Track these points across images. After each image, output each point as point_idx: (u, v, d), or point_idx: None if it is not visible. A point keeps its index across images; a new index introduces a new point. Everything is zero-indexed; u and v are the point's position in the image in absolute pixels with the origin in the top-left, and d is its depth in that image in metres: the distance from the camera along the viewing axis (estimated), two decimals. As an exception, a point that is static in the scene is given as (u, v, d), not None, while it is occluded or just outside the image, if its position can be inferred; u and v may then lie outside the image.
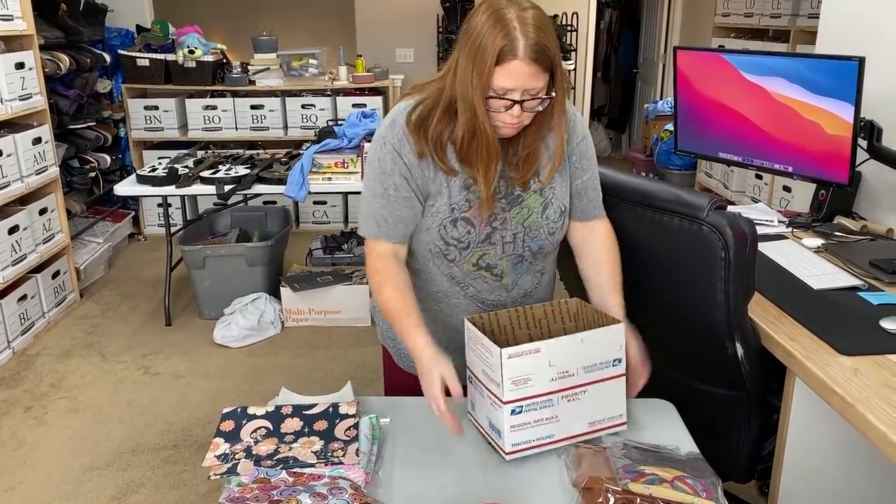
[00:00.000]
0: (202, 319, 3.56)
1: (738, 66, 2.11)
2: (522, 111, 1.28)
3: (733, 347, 1.48)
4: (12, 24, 3.24)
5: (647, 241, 1.52)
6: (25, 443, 2.59)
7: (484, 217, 1.37)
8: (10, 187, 3.18)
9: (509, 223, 1.40)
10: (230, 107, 4.66)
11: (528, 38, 1.21)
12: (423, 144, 1.34)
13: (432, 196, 1.38)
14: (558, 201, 1.44)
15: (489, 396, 1.26)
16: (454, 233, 1.38)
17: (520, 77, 1.23)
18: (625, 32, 7.06)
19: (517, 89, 1.25)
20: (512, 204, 1.40)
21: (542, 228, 1.42)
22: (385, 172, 1.36)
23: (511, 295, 1.47)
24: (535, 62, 1.22)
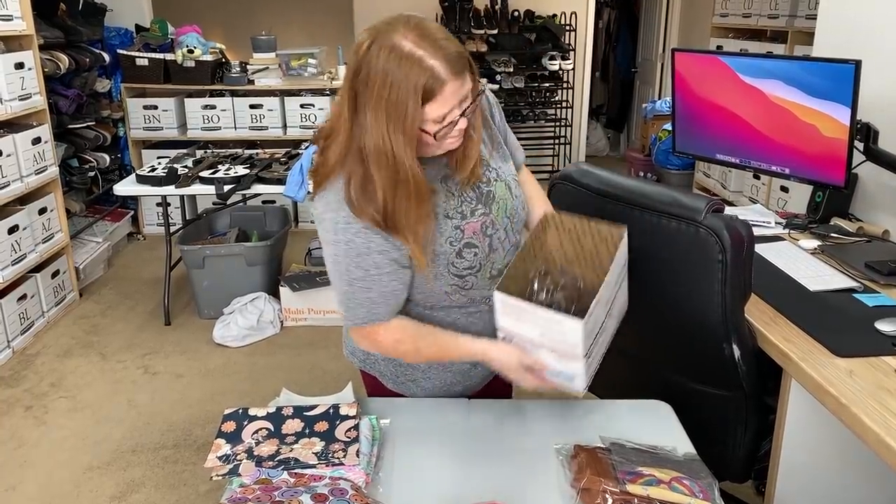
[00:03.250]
0: (201, 319, 3.57)
1: (735, 68, 2.12)
2: (465, 118, 1.21)
3: (730, 349, 1.49)
4: (12, 24, 3.25)
5: (644, 244, 1.52)
6: (26, 442, 2.60)
7: (478, 232, 1.32)
8: (9, 187, 3.19)
9: (497, 222, 1.36)
10: (229, 106, 4.66)
11: (447, 54, 1.13)
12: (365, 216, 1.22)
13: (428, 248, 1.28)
14: (511, 176, 1.42)
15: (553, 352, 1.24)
16: (464, 263, 1.32)
17: (454, 95, 1.16)
18: (623, 32, 7.07)
19: (456, 108, 1.18)
20: (487, 203, 1.35)
21: (518, 209, 1.40)
22: (360, 255, 1.25)
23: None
24: (461, 72, 1.15)
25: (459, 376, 1.48)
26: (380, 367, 1.51)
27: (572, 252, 1.43)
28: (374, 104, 1.14)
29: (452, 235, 1.31)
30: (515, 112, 6.03)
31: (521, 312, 1.23)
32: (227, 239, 3.79)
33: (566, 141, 6.26)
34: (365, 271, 1.26)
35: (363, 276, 1.26)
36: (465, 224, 1.32)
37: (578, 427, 1.37)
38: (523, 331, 1.26)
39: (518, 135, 6.58)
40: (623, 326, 1.81)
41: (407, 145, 1.15)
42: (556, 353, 1.24)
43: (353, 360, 1.57)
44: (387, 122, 1.14)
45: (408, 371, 1.48)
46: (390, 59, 1.12)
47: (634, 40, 7.00)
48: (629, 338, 1.81)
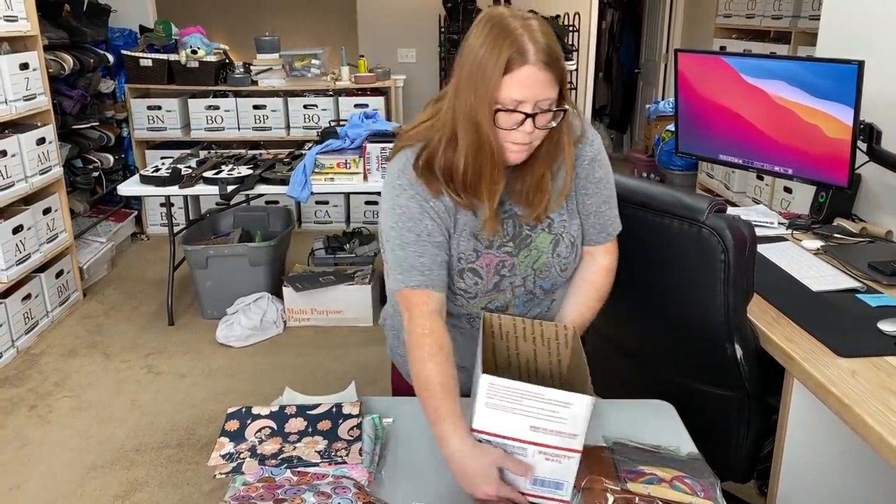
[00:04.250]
0: (205, 319, 3.58)
1: (738, 68, 2.12)
2: (535, 127, 1.18)
3: (732, 349, 1.49)
4: (17, 24, 3.26)
5: (648, 244, 1.53)
6: (30, 441, 2.61)
7: (490, 266, 1.31)
8: (14, 187, 3.20)
9: (518, 268, 1.32)
10: (233, 107, 4.67)
11: (538, 44, 1.14)
12: (436, 184, 1.27)
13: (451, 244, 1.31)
14: (569, 235, 1.34)
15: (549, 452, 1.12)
16: (461, 284, 1.32)
17: (532, 85, 1.14)
18: (626, 32, 7.07)
19: (529, 100, 1.15)
20: (520, 247, 1.32)
21: (554, 268, 1.34)
22: (413, 219, 1.26)
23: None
24: (547, 67, 1.14)
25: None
26: (399, 352, 1.53)
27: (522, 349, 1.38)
28: (467, 69, 1.18)
29: (464, 254, 1.30)
30: (518, 113, 6.02)
31: (518, 397, 1.10)
32: (231, 239, 3.79)
33: (569, 142, 6.26)
34: (417, 236, 1.27)
35: (415, 241, 1.27)
36: (483, 251, 1.31)
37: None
38: (510, 427, 1.12)
39: (521, 135, 6.61)
40: (625, 327, 1.82)
41: (487, 110, 1.17)
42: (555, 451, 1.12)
43: (387, 347, 1.59)
44: (475, 86, 1.16)
45: None
46: (492, 31, 1.16)
47: (638, 41, 7.00)
48: (631, 338, 1.83)
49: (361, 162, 3.39)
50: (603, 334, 1.92)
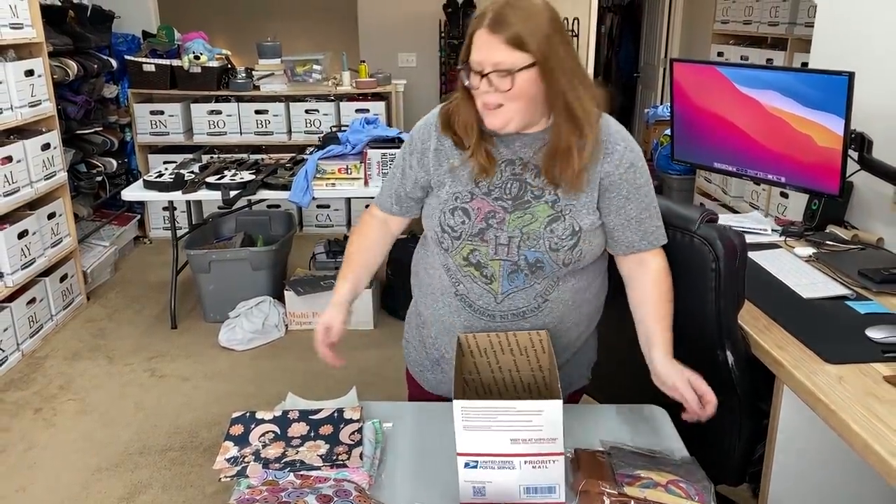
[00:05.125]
0: (207, 322, 3.62)
1: (732, 78, 2.16)
2: (491, 86, 1.27)
3: (724, 355, 1.53)
4: (22, 32, 3.30)
5: (642, 252, 1.56)
6: (35, 444, 2.65)
7: (481, 211, 1.37)
8: (19, 192, 3.24)
9: (507, 225, 1.36)
10: (235, 111, 4.72)
11: (496, 12, 1.25)
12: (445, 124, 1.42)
13: (438, 184, 1.42)
14: (572, 219, 1.35)
15: (534, 460, 1.18)
16: (451, 221, 1.39)
17: (482, 47, 1.26)
18: (626, 37, 7.11)
19: (483, 61, 1.26)
20: (516, 207, 1.36)
21: (542, 240, 1.34)
22: (397, 156, 1.51)
23: (500, 307, 1.39)
24: (493, 32, 1.24)
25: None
26: (417, 367, 1.62)
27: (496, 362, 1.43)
28: None
29: (460, 193, 1.40)
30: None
31: (492, 415, 1.15)
32: (233, 243, 3.83)
33: (569, 145, 6.30)
34: (394, 166, 1.52)
35: (391, 168, 1.54)
36: (479, 195, 1.38)
37: (578, 431, 1.41)
38: (492, 444, 1.17)
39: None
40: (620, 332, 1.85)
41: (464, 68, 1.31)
42: (534, 458, 1.17)
43: (408, 363, 1.67)
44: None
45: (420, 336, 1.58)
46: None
47: (637, 45, 7.04)
48: (626, 343, 1.86)
49: (362, 168, 3.43)
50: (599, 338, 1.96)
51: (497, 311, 1.41)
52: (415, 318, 1.61)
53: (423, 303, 1.54)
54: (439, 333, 1.50)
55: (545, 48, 1.25)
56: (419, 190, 1.47)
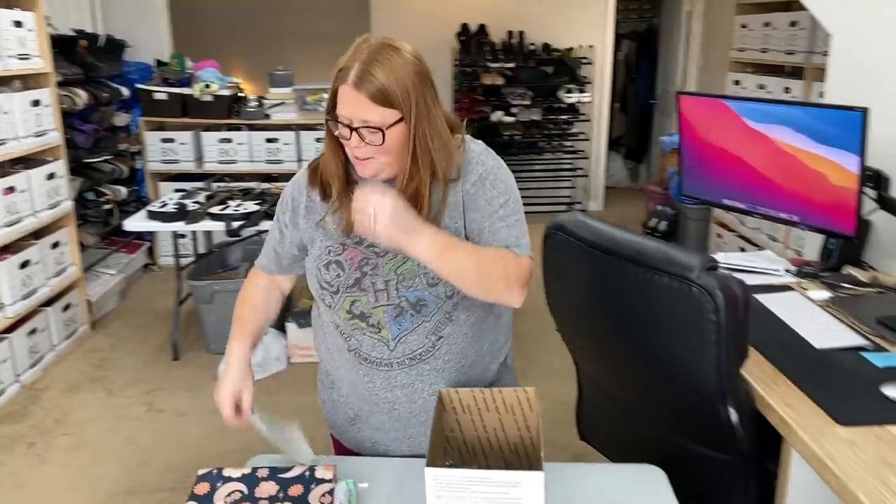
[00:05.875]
0: (209, 354, 3.56)
1: (741, 112, 2.07)
2: (364, 143, 1.25)
3: (726, 411, 1.42)
4: (30, 62, 3.31)
5: (637, 299, 1.48)
6: (26, 481, 2.59)
7: (354, 261, 1.36)
8: (22, 223, 3.23)
9: (381, 269, 1.34)
10: (246, 140, 4.70)
11: (361, 68, 1.22)
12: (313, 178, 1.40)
13: (310, 241, 1.42)
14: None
15: None
16: (327, 276, 1.37)
17: (349, 103, 1.23)
18: (643, 64, 7.04)
19: (350, 116, 1.24)
20: (387, 249, 1.34)
21: (419, 277, 1.32)
22: (277, 210, 1.48)
23: (395, 354, 1.36)
24: (358, 90, 1.22)
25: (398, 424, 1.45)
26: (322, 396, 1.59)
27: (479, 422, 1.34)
28: None
29: (332, 247, 1.38)
30: (531, 144, 6.01)
31: (467, 485, 1.08)
32: (238, 273, 3.79)
33: (584, 173, 6.22)
34: (271, 226, 1.49)
35: (270, 228, 1.50)
36: (351, 246, 1.37)
37: (570, 493, 1.31)
38: None
39: (534, 166, 6.51)
40: (617, 379, 1.76)
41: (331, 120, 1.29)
42: None
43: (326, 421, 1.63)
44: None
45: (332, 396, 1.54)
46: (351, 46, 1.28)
47: (654, 72, 6.97)
48: (624, 390, 1.76)
49: (367, 198, 3.37)
50: (594, 382, 1.87)
51: (393, 359, 1.38)
52: (324, 378, 1.57)
53: (326, 362, 1.53)
54: (347, 392, 1.48)
55: (411, 102, 1.24)
56: (295, 248, 1.45)
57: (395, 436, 1.46)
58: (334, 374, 1.50)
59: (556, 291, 1.76)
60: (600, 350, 1.72)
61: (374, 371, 1.39)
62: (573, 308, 1.74)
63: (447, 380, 1.40)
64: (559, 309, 1.79)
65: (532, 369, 3.40)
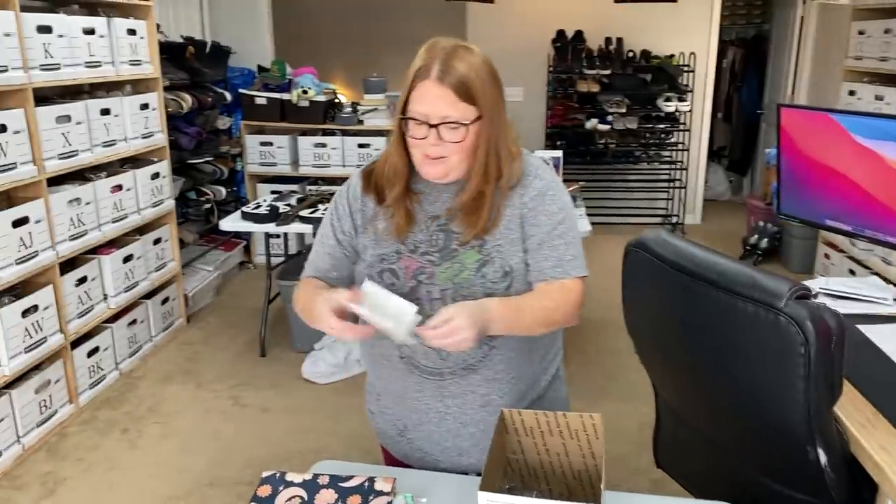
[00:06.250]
0: (294, 352, 3.66)
1: (849, 127, 1.92)
2: (441, 140, 1.25)
3: (815, 453, 1.31)
4: (140, 68, 3.51)
5: (720, 327, 1.38)
6: (118, 465, 2.73)
7: (410, 270, 1.34)
8: (127, 219, 3.42)
9: (437, 278, 1.33)
10: (339, 145, 4.80)
11: (443, 63, 1.23)
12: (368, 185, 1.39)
13: (363, 248, 1.40)
14: (502, 260, 1.33)
15: None
16: (380, 284, 1.33)
17: (431, 100, 1.23)
18: (749, 71, 6.72)
19: (431, 114, 1.24)
20: (443, 258, 1.34)
21: (476, 287, 1.31)
22: (324, 221, 1.46)
23: (447, 363, 1.36)
24: (444, 85, 1.22)
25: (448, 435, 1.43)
26: (370, 407, 1.58)
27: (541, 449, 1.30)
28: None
29: (387, 254, 1.36)
30: (627, 153, 5.85)
31: None
32: (325, 275, 3.86)
33: (682, 184, 6.00)
34: (321, 235, 1.46)
35: (319, 238, 1.47)
36: (406, 254, 1.35)
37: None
38: None
39: (630, 176, 6.34)
40: (696, 407, 1.66)
41: (398, 119, 1.30)
42: None
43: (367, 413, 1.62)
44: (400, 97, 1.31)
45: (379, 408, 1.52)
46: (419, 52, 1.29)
47: (761, 80, 6.63)
48: (704, 420, 1.67)
49: (452, 206, 3.37)
50: (673, 410, 1.78)
51: (445, 368, 1.37)
52: (371, 388, 1.57)
53: (373, 373, 1.51)
54: (394, 403, 1.47)
55: (489, 100, 1.27)
56: (353, 256, 1.43)
57: (445, 447, 1.44)
58: (382, 383, 1.49)
59: (635, 312, 1.69)
60: (679, 377, 1.63)
61: (426, 380, 1.39)
62: (652, 331, 1.66)
63: (498, 390, 1.39)
64: (637, 330, 1.72)
65: (613, 387, 3.29)
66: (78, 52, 3.06)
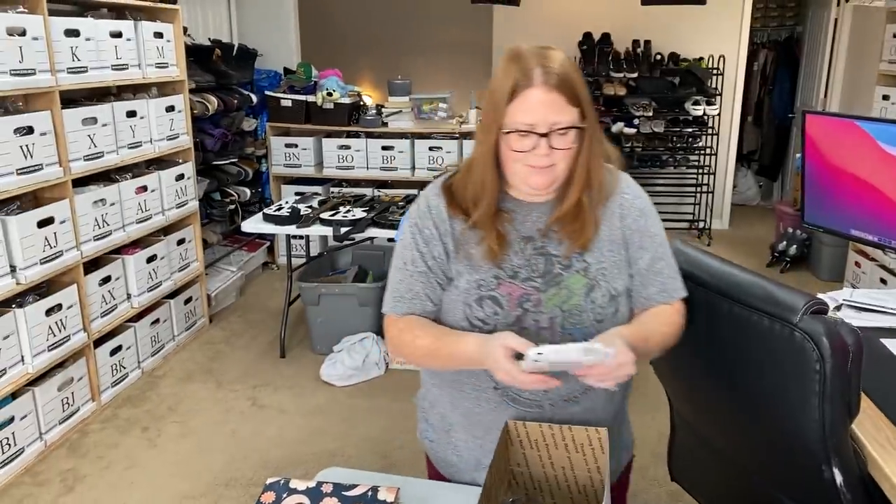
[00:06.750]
0: (314, 354, 3.67)
1: (876, 135, 1.86)
2: (552, 148, 1.19)
3: (830, 472, 1.27)
4: (166, 71, 3.55)
5: (734, 340, 1.35)
6: (137, 463, 2.76)
7: (513, 297, 1.25)
8: (151, 220, 3.46)
9: (544, 305, 1.25)
10: (363, 147, 4.81)
11: (547, 68, 1.17)
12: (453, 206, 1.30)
13: (456, 273, 1.29)
14: (608, 284, 1.28)
15: None
16: (479, 313, 1.26)
17: (539, 107, 1.17)
18: (781, 74, 6.59)
19: (539, 122, 1.17)
20: (549, 284, 1.26)
21: (586, 313, 1.25)
22: (405, 246, 1.34)
23: (549, 395, 1.27)
24: (554, 89, 1.17)
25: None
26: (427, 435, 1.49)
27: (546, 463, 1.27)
28: (485, 98, 1.24)
29: (485, 280, 1.27)
30: (654, 157, 5.77)
31: None
32: (346, 277, 3.88)
33: (709, 189, 5.90)
34: (403, 263, 1.33)
35: (402, 267, 1.33)
36: (506, 280, 1.27)
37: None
38: None
39: (656, 180, 6.28)
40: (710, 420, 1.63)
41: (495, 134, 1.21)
42: None
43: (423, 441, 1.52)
44: (486, 113, 1.24)
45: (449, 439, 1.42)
46: (506, 61, 1.21)
47: (793, 84, 6.51)
48: (718, 433, 1.63)
49: (472, 210, 3.36)
50: (687, 422, 1.74)
51: (546, 399, 1.28)
52: (439, 421, 1.45)
53: (450, 403, 1.38)
54: (480, 435, 1.35)
55: (587, 100, 1.22)
56: (445, 283, 1.31)
57: None
58: (459, 416, 1.37)
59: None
60: (693, 389, 1.60)
61: (523, 411, 1.29)
62: (666, 341, 1.63)
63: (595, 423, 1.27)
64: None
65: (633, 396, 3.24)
66: (105, 55, 3.10)
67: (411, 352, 1.33)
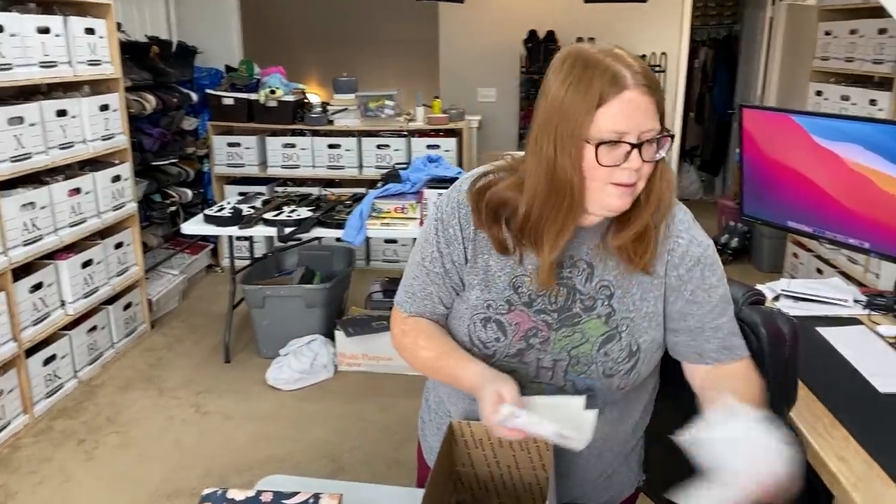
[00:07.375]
0: (260, 358, 3.59)
1: (809, 129, 1.90)
2: (643, 161, 1.03)
3: (770, 461, 1.29)
4: (99, 68, 3.42)
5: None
6: (72, 478, 2.65)
7: (520, 328, 1.15)
8: (86, 223, 3.32)
9: (552, 345, 1.15)
10: (308, 145, 4.74)
11: (634, 68, 1.01)
12: (478, 213, 1.15)
13: (469, 285, 1.19)
14: (630, 337, 1.14)
15: None
16: (482, 334, 1.17)
17: (635, 112, 1.00)
18: (720, 71, 6.75)
19: (632, 130, 1.01)
20: (563, 322, 1.15)
21: (595, 365, 1.14)
22: (427, 240, 1.22)
23: None
24: (649, 91, 1.01)
25: None
26: (423, 414, 1.45)
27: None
28: (549, 110, 1.05)
29: (495, 302, 1.16)
30: (600, 154, 5.84)
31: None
32: (293, 278, 3.81)
33: (654, 185, 6.00)
34: (421, 258, 1.23)
35: (419, 263, 1.24)
36: (519, 306, 1.15)
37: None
38: None
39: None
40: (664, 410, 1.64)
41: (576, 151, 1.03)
42: None
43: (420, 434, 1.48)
44: (557, 127, 1.03)
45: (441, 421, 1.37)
46: (577, 66, 1.03)
47: (733, 80, 6.67)
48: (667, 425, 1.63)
49: (419, 208, 3.33)
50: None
51: None
52: (436, 405, 1.39)
53: (446, 396, 1.33)
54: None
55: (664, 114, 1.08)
56: (458, 287, 1.21)
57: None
58: (456, 410, 1.32)
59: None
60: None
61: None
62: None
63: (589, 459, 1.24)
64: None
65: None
66: (31, 51, 2.97)
67: (411, 357, 1.26)
